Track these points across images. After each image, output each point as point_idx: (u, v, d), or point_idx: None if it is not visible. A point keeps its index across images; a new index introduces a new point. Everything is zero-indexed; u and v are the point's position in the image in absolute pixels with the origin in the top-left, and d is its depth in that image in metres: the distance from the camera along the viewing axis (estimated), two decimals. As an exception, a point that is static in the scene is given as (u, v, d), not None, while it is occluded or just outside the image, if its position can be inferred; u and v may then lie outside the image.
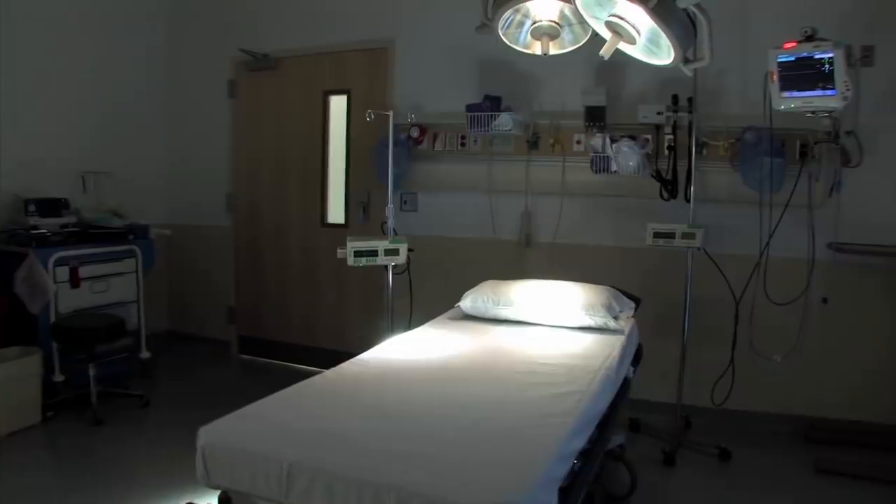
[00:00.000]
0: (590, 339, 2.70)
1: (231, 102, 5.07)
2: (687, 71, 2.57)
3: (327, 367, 4.67)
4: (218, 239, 5.19)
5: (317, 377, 2.09)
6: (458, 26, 4.22)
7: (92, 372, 3.67)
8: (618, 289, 3.12)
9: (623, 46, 2.50)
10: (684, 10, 2.34)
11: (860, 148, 3.35)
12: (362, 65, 4.64)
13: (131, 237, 4.26)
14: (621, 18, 2.38)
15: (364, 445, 1.54)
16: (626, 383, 2.60)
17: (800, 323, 3.44)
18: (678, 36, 2.34)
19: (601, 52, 2.47)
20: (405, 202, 4.61)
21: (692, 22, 2.39)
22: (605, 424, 2.13)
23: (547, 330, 2.86)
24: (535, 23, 2.68)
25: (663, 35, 2.35)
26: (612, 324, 2.78)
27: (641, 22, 2.37)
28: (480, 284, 3.17)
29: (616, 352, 2.51)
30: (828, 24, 2.89)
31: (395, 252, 3.37)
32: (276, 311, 5.07)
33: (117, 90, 4.87)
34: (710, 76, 3.58)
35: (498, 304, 2.96)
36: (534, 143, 4.13)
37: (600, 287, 3.03)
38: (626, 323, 2.87)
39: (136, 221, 4.37)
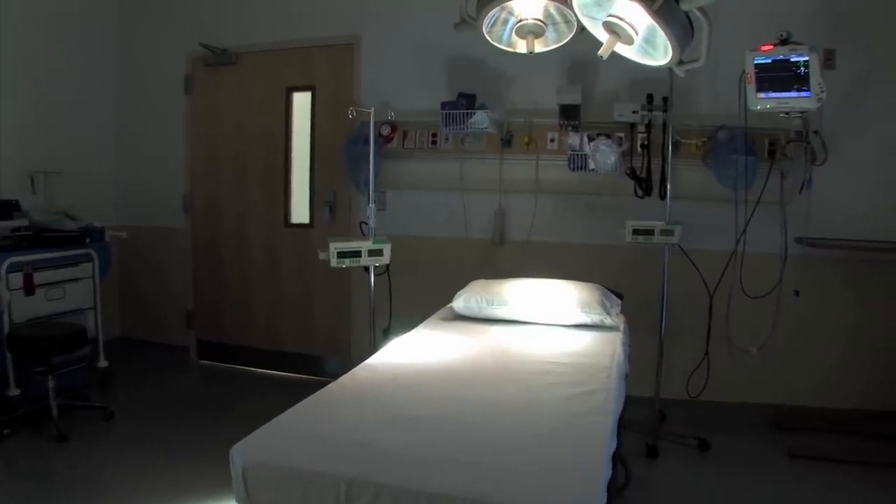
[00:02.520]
0: (588, 337, 2.71)
1: (187, 98, 4.86)
2: (679, 72, 2.61)
3: (293, 371, 4.70)
4: (174, 240, 4.97)
5: (332, 385, 2.01)
6: (426, 23, 4.20)
7: (51, 384, 3.45)
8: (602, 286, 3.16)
9: (618, 47, 2.51)
10: (684, 11, 2.37)
11: (825, 147, 3.50)
12: (327, 61, 4.53)
13: (88, 240, 4.02)
14: (620, 19, 2.39)
15: (418, 456, 1.48)
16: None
17: (773, 315, 3.57)
18: (678, 37, 2.37)
19: (599, 53, 2.46)
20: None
21: (690, 22, 2.43)
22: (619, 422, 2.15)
23: (543, 328, 2.85)
24: (519, 21, 2.66)
25: (660, 35, 2.37)
26: (608, 321, 2.81)
27: (639, 22, 2.39)
28: (470, 284, 3.14)
29: (619, 348, 2.54)
30: (793, 28, 2.98)
31: (378, 253, 3.30)
32: (238, 314, 4.90)
33: (65, 86, 4.60)
34: (680, 76, 3.66)
35: (492, 304, 2.94)
36: (507, 142, 4.13)
37: (590, 284, 3.05)
38: (618, 320, 2.91)
39: (91, 223, 4.13)
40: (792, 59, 2.98)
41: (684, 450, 3.47)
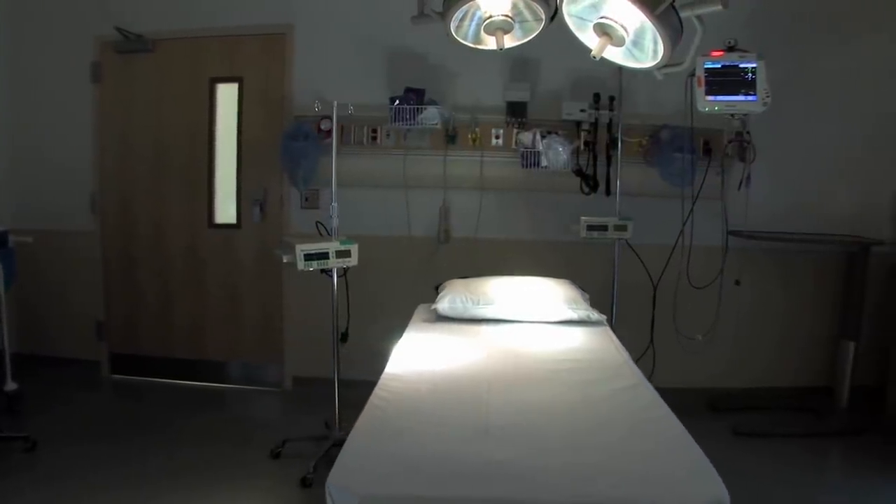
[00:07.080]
0: (580, 333, 2.77)
1: (95, 88, 4.38)
2: (658, 75, 2.70)
3: (220, 382, 4.40)
4: (80, 244, 4.48)
5: (375, 400, 1.89)
6: (365, 13, 4.08)
7: (-39, 415, 3.01)
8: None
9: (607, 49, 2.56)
10: (677, 15, 2.45)
11: (753, 147, 3.79)
12: (256, 51, 4.27)
13: (-8, 247, 3.53)
14: (613, 21, 2.44)
15: (540, 468, 1.43)
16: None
17: (716, 304, 3.83)
18: (672, 40, 2.46)
19: (592, 54, 2.49)
20: (306, 199, 4.35)
21: (681, 25, 2.52)
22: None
23: (531, 326, 2.87)
24: (487, 17, 2.64)
25: (649, 38, 2.44)
26: (594, 316, 2.89)
27: (631, 24, 2.45)
28: (449, 284, 3.11)
29: (616, 342, 2.61)
30: (731, 35, 3.16)
31: (346, 254, 3.18)
32: (157, 323, 4.52)
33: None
34: (623, 77, 3.81)
35: (478, 304, 2.92)
36: (452, 138, 4.10)
37: (563, 280, 3.12)
38: (601, 315, 2.98)
39: (-7, 228, 3.62)
40: (741, 66, 3.19)
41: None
